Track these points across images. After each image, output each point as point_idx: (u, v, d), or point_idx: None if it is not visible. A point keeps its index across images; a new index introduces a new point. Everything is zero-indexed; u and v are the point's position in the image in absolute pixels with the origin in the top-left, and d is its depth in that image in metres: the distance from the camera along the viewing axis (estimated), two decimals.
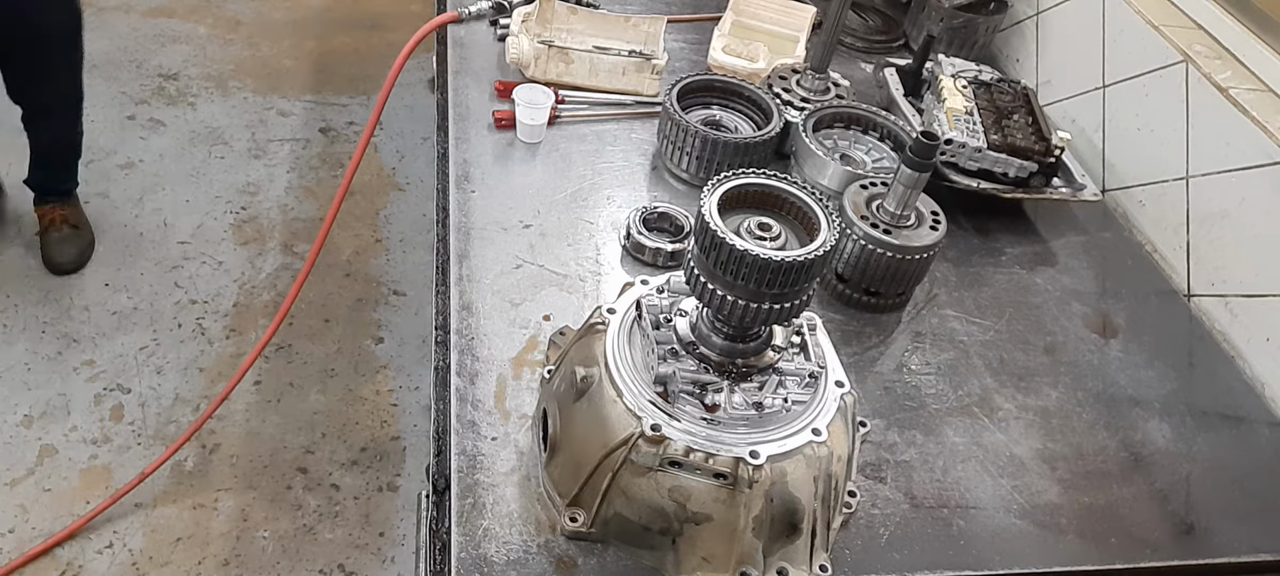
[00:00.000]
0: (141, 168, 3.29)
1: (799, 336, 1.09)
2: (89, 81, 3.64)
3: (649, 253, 1.45)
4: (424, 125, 3.68)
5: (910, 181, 1.34)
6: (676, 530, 1.00)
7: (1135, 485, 1.27)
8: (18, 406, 2.49)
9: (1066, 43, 2.00)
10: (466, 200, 1.51)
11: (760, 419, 1.00)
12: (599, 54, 1.79)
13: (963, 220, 1.67)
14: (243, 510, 2.34)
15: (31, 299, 2.77)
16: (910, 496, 1.19)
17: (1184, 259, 1.65)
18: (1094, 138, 1.88)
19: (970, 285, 1.56)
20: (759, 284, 0.92)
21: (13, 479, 2.33)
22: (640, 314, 1.07)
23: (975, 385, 1.37)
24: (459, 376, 1.22)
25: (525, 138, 1.66)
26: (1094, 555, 1.17)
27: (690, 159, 1.60)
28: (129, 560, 2.20)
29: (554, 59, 1.77)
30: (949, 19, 2.06)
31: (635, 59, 1.80)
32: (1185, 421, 1.39)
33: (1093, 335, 1.51)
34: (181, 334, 2.73)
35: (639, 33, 1.86)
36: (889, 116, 1.72)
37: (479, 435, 1.15)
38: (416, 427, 2.61)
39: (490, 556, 1.03)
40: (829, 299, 1.47)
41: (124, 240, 3.00)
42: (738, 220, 0.97)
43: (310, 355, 2.75)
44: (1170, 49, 1.69)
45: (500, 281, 1.37)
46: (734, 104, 1.73)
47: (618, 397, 1.00)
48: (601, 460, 1.00)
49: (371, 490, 2.44)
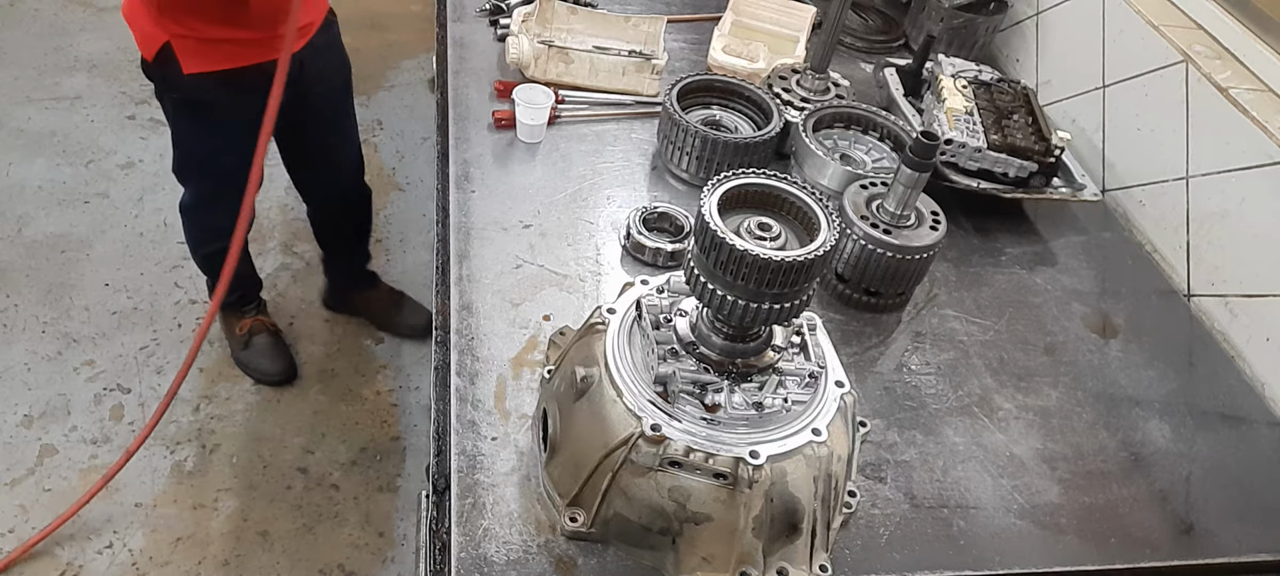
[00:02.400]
0: (141, 168, 3.29)
1: (799, 336, 1.09)
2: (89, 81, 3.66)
3: (649, 253, 1.45)
4: (424, 125, 3.68)
5: (910, 181, 1.34)
6: (676, 530, 1.00)
7: (1135, 485, 1.27)
8: (18, 406, 2.49)
9: (1066, 43, 2.00)
10: (466, 200, 1.51)
11: (760, 419, 1.00)
12: (599, 54, 1.79)
13: (963, 220, 1.67)
14: (243, 510, 2.34)
15: (31, 299, 2.77)
16: (910, 496, 1.19)
17: (1184, 259, 1.65)
18: (1094, 138, 1.88)
19: (970, 285, 1.56)
20: (759, 284, 0.92)
21: (13, 479, 2.33)
22: (640, 314, 1.07)
23: (975, 385, 1.37)
24: (459, 376, 1.22)
25: (525, 138, 1.66)
26: (1094, 555, 1.17)
27: (690, 159, 1.60)
28: (129, 560, 2.20)
29: (554, 59, 1.77)
30: (949, 19, 2.06)
31: (635, 59, 1.80)
32: (1185, 421, 1.39)
33: (1093, 335, 1.51)
34: (181, 334, 2.73)
35: (639, 33, 1.86)
36: (889, 116, 1.72)
37: (479, 435, 1.15)
38: (416, 427, 2.61)
39: (490, 556, 1.03)
40: (829, 299, 1.47)
41: (124, 240, 3.00)
42: (738, 220, 0.97)
43: (310, 355, 2.75)
44: (1170, 49, 1.69)
45: (500, 281, 1.37)
46: (734, 104, 1.73)
47: (618, 397, 1.00)
48: (601, 460, 1.00)
49: (371, 490, 2.44)
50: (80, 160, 3.28)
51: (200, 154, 2.12)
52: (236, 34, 1.85)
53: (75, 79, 3.65)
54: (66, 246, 2.95)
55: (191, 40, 1.84)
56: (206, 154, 2.11)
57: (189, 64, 1.86)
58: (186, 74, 1.86)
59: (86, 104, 3.54)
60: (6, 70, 3.65)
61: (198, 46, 1.85)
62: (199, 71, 1.87)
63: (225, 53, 1.87)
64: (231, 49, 1.87)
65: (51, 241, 2.96)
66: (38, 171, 3.21)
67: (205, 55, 1.86)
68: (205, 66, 1.87)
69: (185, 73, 1.86)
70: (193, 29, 1.82)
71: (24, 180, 3.16)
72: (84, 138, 3.38)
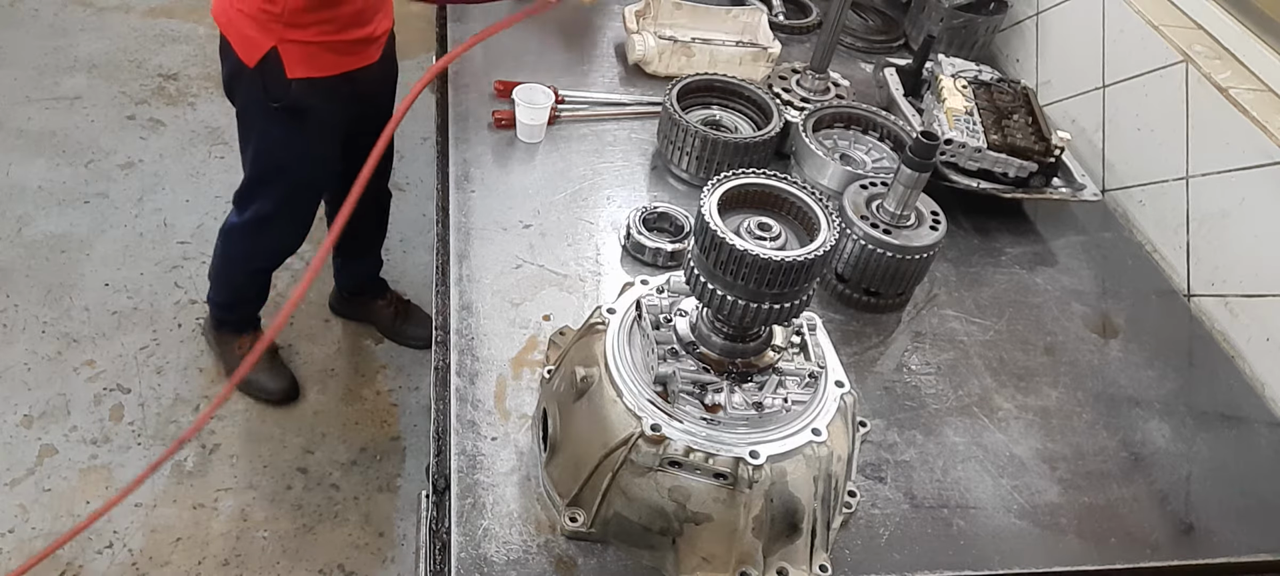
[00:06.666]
0: (141, 168, 3.29)
1: (799, 336, 1.09)
2: (89, 81, 3.66)
3: (649, 253, 1.45)
4: (424, 125, 3.67)
5: (910, 181, 1.34)
6: (676, 530, 1.00)
7: (1135, 485, 1.27)
8: (18, 406, 2.49)
9: (1066, 43, 2.00)
10: (466, 200, 1.51)
11: (760, 419, 1.00)
12: (718, 46, 1.81)
13: (963, 220, 1.67)
14: (243, 510, 2.34)
15: (31, 299, 2.77)
16: (910, 496, 1.19)
17: (1184, 259, 1.65)
18: (1094, 138, 1.88)
19: (970, 285, 1.56)
20: (759, 284, 0.92)
21: (13, 479, 2.33)
22: (640, 314, 1.07)
23: (975, 385, 1.37)
24: (459, 376, 1.22)
25: (525, 137, 1.66)
26: (1094, 555, 1.17)
27: (690, 159, 1.60)
28: (129, 560, 2.20)
29: (677, 54, 1.78)
30: (949, 19, 2.06)
31: (752, 49, 1.82)
32: (1185, 421, 1.39)
33: (1093, 335, 1.51)
34: (181, 334, 2.73)
35: (738, 23, 1.88)
36: (889, 116, 1.72)
37: (479, 435, 1.15)
38: (416, 427, 2.61)
39: (490, 556, 1.03)
40: (829, 299, 1.47)
41: (124, 240, 3.00)
42: (738, 220, 0.97)
43: (310, 355, 2.75)
44: (1170, 49, 1.69)
45: (500, 281, 1.37)
46: (734, 104, 1.73)
47: (618, 397, 1.00)
48: (601, 460, 1.00)
49: (371, 490, 2.43)
50: (80, 160, 3.28)
51: (284, 167, 2.12)
52: (339, 37, 1.88)
53: (75, 79, 3.65)
54: (66, 246, 2.95)
55: (297, 45, 1.85)
56: (290, 166, 2.12)
57: (294, 69, 1.87)
58: (290, 78, 1.87)
59: (86, 104, 3.54)
60: (6, 70, 3.64)
61: (303, 51, 1.86)
62: (303, 77, 1.89)
63: (325, 61, 1.90)
64: (331, 56, 1.90)
65: (51, 241, 2.96)
66: (38, 171, 3.21)
67: (310, 61, 1.88)
68: (309, 72, 1.89)
69: (289, 77, 1.87)
70: (300, 33, 1.84)
71: (24, 180, 3.16)
72: (84, 138, 3.38)
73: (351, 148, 2.19)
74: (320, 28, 1.85)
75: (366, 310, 2.82)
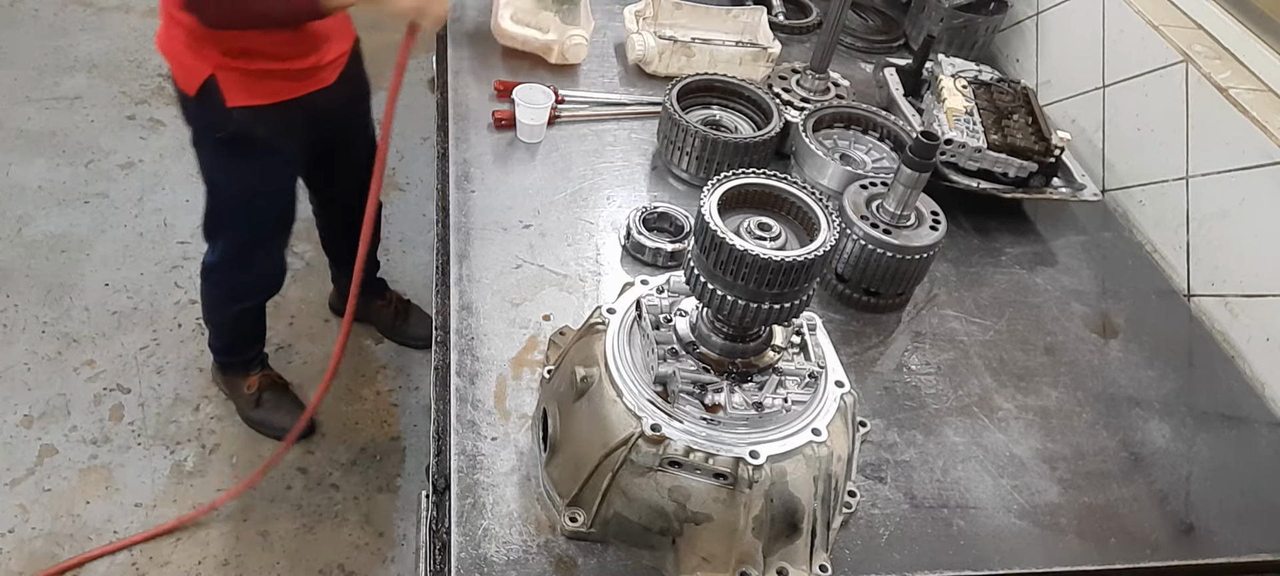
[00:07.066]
0: (141, 168, 3.29)
1: (799, 336, 1.09)
2: (89, 81, 3.67)
3: (649, 253, 1.45)
4: (424, 125, 3.67)
5: (910, 181, 1.34)
6: (676, 530, 1.00)
7: (1135, 485, 1.27)
8: (18, 406, 2.49)
9: (1066, 43, 2.00)
10: (466, 200, 1.51)
11: (760, 419, 1.00)
12: (718, 46, 1.82)
13: (963, 220, 1.67)
14: (243, 510, 2.34)
15: (31, 299, 2.77)
16: (910, 496, 1.19)
17: (1184, 259, 1.65)
18: (1094, 138, 1.88)
19: (970, 285, 1.56)
20: (759, 284, 0.92)
21: (13, 479, 2.33)
22: (640, 314, 1.07)
23: (975, 385, 1.37)
24: (459, 376, 1.22)
25: (525, 137, 1.66)
26: (1094, 555, 1.17)
27: (690, 159, 1.60)
28: (129, 560, 2.20)
29: (677, 54, 1.78)
30: (949, 19, 2.06)
31: (752, 49, 1.82)
32: (1185, 421, 1.39)
33: (1093, 335, 1.51)
34: (181, 334, 2.73)
35: (738, 23, 1.88)
36: (889, 116, 1.72)
37: (479, 435, 1.15)
38: (416, 427, 2.61)
39: (490, 556, 1.03)
40: (829, 299, 1.47)
41: (124, 240, 3.00)
42: (738, 220, 0.97)
43: (310, 355, 2.74)
44: (1170, 49, 1.69)
45: (500, 281, 1.37)
46: (734, 104, 1.73)
47: (618, 397, 1.00)
48: (601, 460, 1.00)
49: (371, 490, 2.43)
50: (80, 160, 3.28)
51: (238, 199, 2.04)
52: (282, 66, 1.80)
53: (75, 79, 3.65)
54: (66, 246, 2.95)
55: (236, 73, 1.77)
56: (245, 199, 2.03)
57: (233, 97, 1.78)
58: (230, 107, 1.79)
59: (86, 104, 3.54)
60: (6, 70, 3.65)
61: (243, 79, 1.78)
62: (243, 105, 1.80)
63: (270, 87, 1.81)
64: (276, 83, 1.82)
65: (51, 241, 2.96)
66: (38, 171, 3.21)
67: (250, 89, 1.80)
68: (250, 100, 1.80)
69: (228, 106, 1.78)
70: (238, 61, 1.75)
71: (24, 180, 3.16)
72: (84, 138, 3.38)
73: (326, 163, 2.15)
74: (259, 56, 1.76)
75: (366, 310, 2.81)
